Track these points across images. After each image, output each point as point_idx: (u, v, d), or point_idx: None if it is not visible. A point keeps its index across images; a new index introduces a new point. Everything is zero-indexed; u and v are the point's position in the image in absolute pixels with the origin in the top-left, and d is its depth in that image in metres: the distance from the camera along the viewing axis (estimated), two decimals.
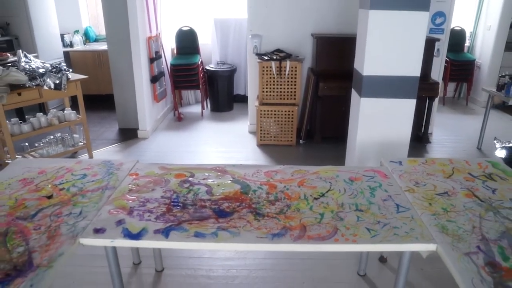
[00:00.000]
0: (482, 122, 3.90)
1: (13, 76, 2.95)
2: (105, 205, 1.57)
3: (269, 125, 3.91)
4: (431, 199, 1.64)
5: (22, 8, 4.45)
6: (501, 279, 1.18)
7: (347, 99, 2.84)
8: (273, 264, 2.22)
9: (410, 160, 2.03)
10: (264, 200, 1.60)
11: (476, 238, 1.38)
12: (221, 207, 1.55)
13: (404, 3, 2.14)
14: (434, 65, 3.96)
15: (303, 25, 3.98)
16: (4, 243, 1.35)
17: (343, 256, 2.28)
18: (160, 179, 1.78)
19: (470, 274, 1.19)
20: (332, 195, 1.65)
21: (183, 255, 2.29)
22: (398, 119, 2.39)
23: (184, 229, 1.41)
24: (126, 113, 4.34)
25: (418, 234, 1.39)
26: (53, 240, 1.36)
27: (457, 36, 5.38)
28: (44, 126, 3.32)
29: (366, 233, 1.39)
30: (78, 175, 1.84)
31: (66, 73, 3.24)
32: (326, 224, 1.44)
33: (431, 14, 3.85)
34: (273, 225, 1.43)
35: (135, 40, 3.83)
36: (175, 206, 1.56)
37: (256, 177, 1.80)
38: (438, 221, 1.47)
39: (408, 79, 2.30)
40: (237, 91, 5.43)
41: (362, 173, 1.86)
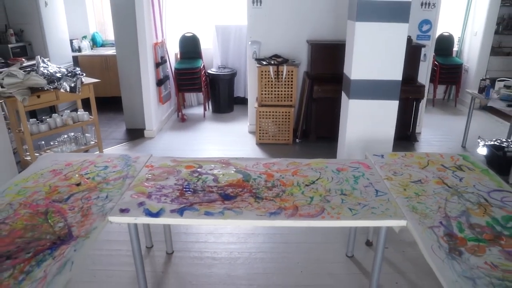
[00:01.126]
0: (466, 122, 4.18)
1: (33, 80, 3.22)
2: (127, 191, 1.83)
3: (267, 125, 4.19)
4: (406, 186, 1.91)
5: (35, 16, 4.72)
6: (455, 245, 1.45)
7: (340, 101, 3.11)
8: (271, 247, 2.49)
9: (391, 154, 2.30)
10: (262, 187, 1.87)
11: (440, 216, 1.65)
12: (226, 192, 1.82)
13: (386, 16, 2.42)
14: (422, 69, 4.25)
15: (299, 32, 4.26)
16: (46, 220, 1.61)
17: (333, 240, 2.55)
18: (173, 170, 2.05)
19: (431, 242, 1.46)
20: (321, 182, 1.93)
21: (190, 240, 2.55)
22: (382, 118, 2.67)
23: (196, 209, 1.68)
24: (133, 114, 4.61)
25: (392, 213, 1.66)
26: (87, 218, 1.62)
27: (445, 41, 5.68)
28: (60, 126, 3.58)
29: (348, 212, 1.66)
30: (100, 167, 2.11)
31: (80, 77, 3.51)
32: (315, 205, 1.71)
33: (418, 22, 4.14)
34: (270, 206, 1.70)
35: (142, 46, 4.11)
36: (187, 191, 1.83)
37: (256, 168, 2.07)
38: (410, 203, 1.74)
39: (391, 83, 2.58)
40: (237, 94, 5.71)
41: (348, 165, 2.13)
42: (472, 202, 1.77)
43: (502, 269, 1.32)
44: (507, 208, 1.71)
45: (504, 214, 1.65)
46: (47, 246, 1.44)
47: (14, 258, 1.37)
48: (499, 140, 3.83)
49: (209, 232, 2.63)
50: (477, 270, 1.31)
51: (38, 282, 1.24)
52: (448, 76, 5.63)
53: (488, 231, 1.54)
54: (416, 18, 4.13)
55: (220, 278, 2.21)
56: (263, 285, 2.15)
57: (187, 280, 2.19)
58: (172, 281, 2.19)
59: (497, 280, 1.27)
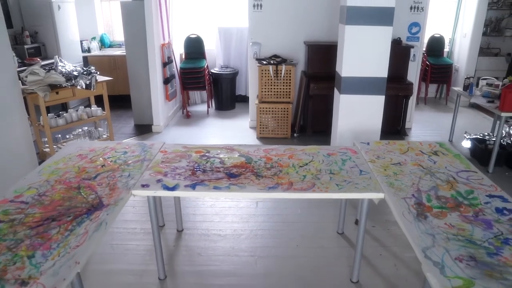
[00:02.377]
0: (452, 117, 4.49)
1: (53, 78, 3.52)
2: (146, 171, 2.13)
3: (267, 121, 4.49)
4: (386, 167, 2.20)
5: (49, 19, 5.03)
6: (423, 211, 1.75)
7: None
8: (270, 226, 2.79)
9: (377, 142, 2.60)
10: (262, 167, 2.17)
11: (413, 190, 1.94)
12: (231, 171, 2.12)
13: (373, 20, 2.72)
14: (412, 69, 4.55)
15: (296, 34, 4.57)
16: (80, 193, 1.91)
17: (325, 220, 2.84)
18: (184, 154, 2.35)
19: (402, 209, 1.76)
20: (313, 164, 2.22)
21: (198, 220, 2.85)
22: (370, 111, 2.96)
23: (206, 184, 1.98)
24: (141, 111, 4.91)
25: (372, 188, 1.96)
26: (114, 191, 1.92)
27: (436, 43, 5.98)
28: (75, 120, 3.89)
29: (335, 187, 1.96)
30: (120, 152, 2.41)
31: (95, 75, 3.81)
32: (307, 181, 2.01)
33: (407, 24, 4.44)
34: (269, 182, 2.00)
35: (151, 46, 4.41)
36: (197, 171, 2.12)
37: (257, 153, 2.37)
38: (388, 180, 2.04)
39: (377, 79, 2.88)
40: (239, 92, 6.01)
41: (337, 150, 2.43)
42: (441, 179, 2.06)
43: (458, 228, 1.61)
44: (471, 184, 2.01)
45: (467, 189, 1.95)
46: (84, 211, 1.74)
47: (58, 220, 1.66)
48: (481, 134, 4.13)
49: (215, 214, 2.93)
50: (437, 229, 1.61)
51: (81, 236, 1.54)
52: (439, 76, 5.93)
53: (451, 201, 1.84)
54: (406, 21, 4.43)
55: (225, 250, 2.51)
56: (263, 256, 2.45)
57: (196, 253, 2.49)
58: (183, 253, 2.49)
59: (452, 235, 1.56)
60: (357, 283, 2.23)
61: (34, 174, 2.11)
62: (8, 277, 1.33)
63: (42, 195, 1.89)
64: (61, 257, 1.42)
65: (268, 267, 2.36)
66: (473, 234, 1.57)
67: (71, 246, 1.48)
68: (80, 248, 1.46)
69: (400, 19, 4.33)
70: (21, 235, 1.56)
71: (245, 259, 2.43)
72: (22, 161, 3.42)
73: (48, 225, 1.63)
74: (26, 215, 1.71)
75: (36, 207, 1.77)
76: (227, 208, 3.01)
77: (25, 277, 1.32)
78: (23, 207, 1.78)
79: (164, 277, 2.26)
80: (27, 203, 1.81)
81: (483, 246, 1.50)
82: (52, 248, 1.47)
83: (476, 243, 1.52)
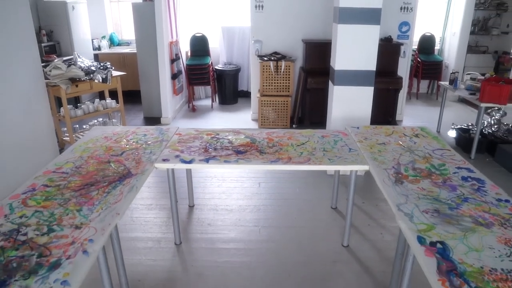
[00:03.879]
0: (440, 109, 4.83)
1: (73, 72, 3.86)
2: (165, 149, 2.47)
3: (268, 112, 4.83)
4: (372, 146, 2.54)
5: (63, 19, 5.37)
6: (400, 178, 2.09)
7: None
8: (271, 202, 3.13)
9: (365, 126, 2.94)
10: (265, 146, 2.51)
11: (394, 163, 2.28)
12: (238, 149, 2.46)
13: (362, 20, 3.06)
14: (403, 65, 4.89)
15: (295, 33, 4.91)
16: (110, 165, 2.25)
17: (321, 197, 3.18)
18: (197, 136, 2.69)
19: (383, 177, 2.10)
20: (309, 144, 2.56)
21: (207, 197, 3.19)
22: (361, 100, 3.31)
23: (217, 159, 2.32)
24: (151, 104, 5.25)
25: (359, 161, 2.30)
26: (139, 164, 2.26)
27: (427, 41, 6.33)
28: (92, 111, 4.23)
29: (327, 161, 2.30)
30: (140, 135, 2.75)
31: (110, 70, 4.15)
32: (303, 157, 2.35)
33: (398, 23, 4.79)
34: (271, 157, 2.34)
35: (160, 44, 4.76)
36: (209, 149, 2.46)
37: (260, 135, 2.71)
38: (373, 156, 2.38)
39: (367, 72, 3.22)
40: (241, 87, 6.36)
41: (330, 133, 2.77)
42: (419, 156, 2.41)
43: (428, 190, 1.96)
44: (444, 159, 2.35)
45: (440, 163, 2.30)
46: (116, 179, 2.08)
47: (96, 185, 2.00)
48: (465, 125, 4.47)
49: (222, 192, 3.27)
50: (411, 191, 1.95)
51: (117, 196, 1.88)
52: (430, 72, 6.27)
53: (425, 172, 2.18)
54: (397, 20, 4.78)
55: (232, 222, 2.85)
56: (266, 226, 2.79)
57: (206, 223, 2.83)
58: (195, 224, 2.83)
59: (422, 195, 1.90)
60: (347, 247, 2.57)
61: (68, 152, 2.45)
62: (64, 223, 1.67)
63: (78, 167, 2.23)
64: (104, 210, 1.76)
65: (270, 235, 2.70)
66: (440, 195, 1.92)
67: (111, 203, 1.82)
68: (118, 204, 1.80)
69: (391, 18, 4.69)
70: (68, 196, 1.90)
71: (249, 228, 2.77)
72: (45, 147, 3.76)
73: (88, 188, 1.98)
74: (69, 182, 2.05)
75: (76, 176, 2.11)
76: (233, 187, 3.35)
77: (78, 224, 1.66)
78: (65, 176, 2.12)
79: (180, 243, 2.60)
80: (67, 173, 2.15)
81: (446, 203, 1.84)
82: (95, 204, 1.81)
83: (441, 201, 1.86)
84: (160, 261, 2.43)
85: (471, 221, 1.69)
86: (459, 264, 1.41)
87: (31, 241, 1.54)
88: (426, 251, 1.48)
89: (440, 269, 1.38)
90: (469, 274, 1.36)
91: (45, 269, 1.37)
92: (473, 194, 1.93)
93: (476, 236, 1.58)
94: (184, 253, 2.51)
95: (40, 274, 1.35)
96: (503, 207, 1.80)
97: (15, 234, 1.59)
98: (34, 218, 1.70)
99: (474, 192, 1.95)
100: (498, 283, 1.32)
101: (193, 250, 2.54)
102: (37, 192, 1.94)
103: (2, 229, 1.62)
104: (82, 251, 1.47)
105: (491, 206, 1.81)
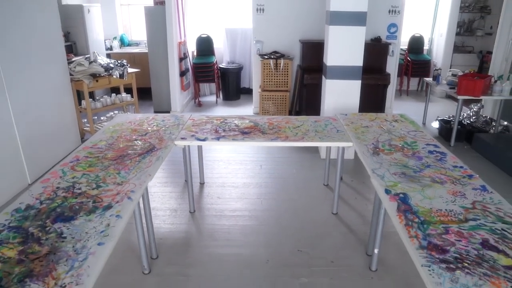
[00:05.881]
0: (425, 103, 5.29)
1: (94, 68, 4.32)
2: (182, 130, 2.93)
3: (268, 106, 5.29)
4: (357, 128, 3.00)
5: (80, 21, 5.82)
6: (377, 151, 2.54)
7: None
8: (271, 180, 3.58)
9: (353, 113, 3.40)
10: (266, 128, 2.96)
11: (373, 141, 2.73)
12: (244, 130, 2.92)
13: (350, 22, 3.52)
14: (391, 63, 5.35)
15: (293, 34, 5.38)
16: (137, 143, 2.71)
17: (315, 177, 3.63)
18: (208, 121, 3.15)
19: (363, 150, 2.55)
20: (303, 126, 3.02)
21: (216, 177, 3.64)
22: (349, 92, 3.76)
23: (226, 138, 2.77)
24: (160, 99, 5.71)
25: (345, 140, 2.75)
26: (161, 141, 2.71)
27: (417, 41, 6.80)
28: (109, 104, 4.68)
29: (318, 139, 2.76)
30: (159, 120, 3.20)
31: (126, 66, 4.61)
32: (298, 136, 2.80)
33: (386, 25, 5.25)
34: (271, 136, 2.79)
35: (170, 44, 5.22)
36: (219, 130, 2.92)
37: (262, 120, 3.16)
38: (357, 135, 2.83)
39: (354, 68, 3.68)
40: (243, 84, 6.82)
41: (322, 119, 3.23)
42: (395, 135, 2.86)
43: (399, 160, 2.41)
44: (416, 138, 2.80)
45: (412, 140, 2.75)
46: (144, 152, 2.53)
47: (128, 156, 2.46)
48: (447, 116, 4.93)
49: (228, 172, 3.73)
50: (385, 160, 2.40)
51: (147, 163, 2.33)
52: (419, 70, 6.73)
53: (399, 147, 2.63)
54: (385, 22, 5.24)
55: (238, 195, 3.30)
56: (266, 198, 3.24)
57: (216, 197, 3.28)
58: (205, 197, 3.28)
59: (393, 163, 2.35)
60: (336, 214, 3.02)
61: (100, 133, 2.90)
62: (108, 182, 2.12)
63: (111, 144, 2.68)
64: (138, 172, 2.21)
65: (270, 205, 3.15)
66: (408, 163, 2.37)
67: (143, 168, 2.27)
68: (149, 168, 2.26)
69: (380, 20, 5.15)
70: (106, 164, 2.35)
71: (253, 200, 3.22)
72: (69, 136, 4.22)
73: (122, 159, 2.43)
74: (105, 154, 2.50)
75: (110, 151, 2.57)
76: (237, 169, 3.80)
77: (119, 182, 2.11)
78: (101, 150, 2.57)
79: (194, 211, 3.05)
80: (102, 149, 2.60)
81: (412, 168, 2.29)
82: (130, 169, 2.27)
83: (409, 167, 2.31)
84: (178, 225, 2.88)
85: (429, 180, 2.14)
86: (414, 206, 1.86)
87: (85, 193, 1.99)
88: (390, 198, 1.94)
89: (399, 209, 1.84)
90: (421, 212, 1.81)
91: (101, 209, 1.83)
92: (435, 162, 2.38)
93: (431, 190, 2.03)
94: (197, 218, 2.97)
95: (97, 212, 1.80)
96: (457, 171, 2.25)
97: (72, 189, 2.04)
98: (84, 178, 2.15)
99: (436, 161, 2.40)
100: (440, 217, 1.78)
101: (205, 217, 2.99)
102: (81, 161, 2.39)
103: (61, 186, 2.07)
104: (127, 197, 1.92)
105: (447, 170, 2.26)
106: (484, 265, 1.46)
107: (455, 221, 1.76)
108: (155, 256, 2.52)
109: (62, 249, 1.54)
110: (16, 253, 1.52)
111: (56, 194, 1.98)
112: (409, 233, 1.65)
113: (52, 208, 1.84)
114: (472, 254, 1.52)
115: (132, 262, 2.47)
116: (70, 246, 1.56)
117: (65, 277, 1.38)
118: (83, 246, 1.55)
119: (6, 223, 1.71)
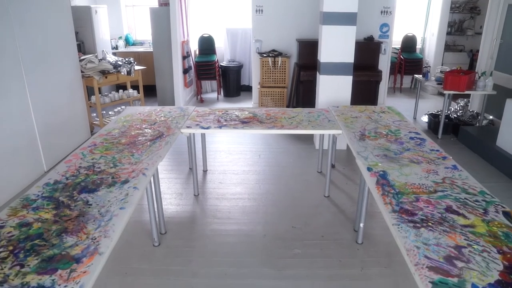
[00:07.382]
0: (415, 98, 5.57)
1: (104, 65, 4.61)
2: (187, 120, 3.21)
3: (267, 101, 5.58)
4: (347, 119, 3.28)
5: (88, 21, 6.11)
6: (364, 138, 2.82)
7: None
8: (269, 168, 3.86)
9: (344, 106, 3.68)
10: (264, 118, 3.25)
11: (361, 129, 3.02)
12: (243, 120, 3.20)
13: (342, 21, 3.80)
14: (383, 61, 5.64)
15: (290, 33, 5.67)
16: (147, 131, 2.99)
17: (309, 165, 3.92)
18: (211, 112, 3.43)
19: (351, 136, 2.84)
20: (298, 117, 3.30)
21: (218, 165, 3.93)
22: (341, 86, 4.05)
23: (228, 126, 3.06)
24: (165, 96, 6.00)
25: (335, 128, 3.04)
26: (169, 129, 3.00)
27: (410, 41, 7.08)
28: (117, 99, 4.97)
29: (311, 128, 3.04)
30: (166, 111, 3.49)
31: (133, 64, 4.90)
32: (293, 125, 3.09)
33: (379, 25, 5.54)
34: (268, 125, 3.07)
35: (174, 43, 5.51)
36: (221, 120, 3.21)
37: (260, 112, 3.45)
38: (346, 124, 3.11)
39: (346, 64, 3.96)
40: (243, 82, 7.11)
41: (315, 110, 3.51)
42: (381, 124, 3.14)
43: (382, 144, 2.69)
44: (400, 126, 3.09)
45: (396, 129, 3.03)
46: (154, 138, 2.82)
47: (140, 142, 2.74)
48: (436, 111, 5.21)
49: (229, 161, 4.01)
50: (370, 144, 2.68)
51: (158, 147, 2.62)
52: (411, 68, 7.02)
53: (383, 134, 2.92)
54: (378, 22, 5.53)
55: (238, 181, 3.59)
56: (264, 184, 3.53)
57: (218, 182, 3.57)
58: (208, 182, 3.57)
59: (377, 147, 2.64)
60: (328, 197, 3.31)
61: (112, 123, 3.18)
62: (124, 162, 2.40)
63: (123, 132, 2.97)
64: (150, 154, 2.49)
65: (268, 189, 3.44)
66: (390, 147, 2.65)
67: (154, 151, 2.56)
68: (159, 151, 2.55)
69: (372, 20, 5.44)
70: (121, 148, 2.64)
71: (252, 185, 3.51)
72: (80, 129, 4.51)
73: (135, 143, 2.72)
74: (119, 140, 2.79)
75: (123, 137, 2.85)
76: (238, 158, 4.09)
77: (133, 162, 2.40)
78: (115, 137, 2.86)
79: (198, 194, 3.34)
80: (116, 136, 2.89)
81: (393, 151, 2.58)
82: (142, 152, 2.55)
83: (390, 150, 2.59)
84: (183, 206, 3.17)
85: (408, 160, 2.43)
86: (391, 181, 2.14)
87: (105, 171, 2.28)
88: (371, 174, 2.22)
89: (378, 183, 2.12)
90: (397, 186, 2.10)
91: (119, 183, 2.11)
92: (415, 147, 2.66)
93: (408, 168, 2.31)
94: (201, 200, 3.25)
95: (117, 186, 2.09)
96: (434, 154, 2.54)
97: (93, 167, 2.33)
98: (102, 159, 2.44)
99: (416, 146, 2.68)
100: (413, 189, 2.06)
101: (208, 199, 3.28)
102: (98, 146, 2.67)
103: (82, 165, 2.36)
104: (141, 173, 2.21)
105: (425, 153, 2.54)
106: (445, 224, 1.75)
107: (425, 192, 2.04)
108: (164, 232, 2.80)
109: (89, 213, 1.83)
110: (52, 216, 1.80)
111: (79, 172, 2.26)
112: (385, 200, 1.94)
113: (77, 182, 2.13)
114: (436, 216, 1.81)
115: (143, 237, 2.75)
116: (96, 211, 1.84)
117: (94, 232, 1.67)
118: (107, 211, 1.84)
119: (39, 194, 2.00)
